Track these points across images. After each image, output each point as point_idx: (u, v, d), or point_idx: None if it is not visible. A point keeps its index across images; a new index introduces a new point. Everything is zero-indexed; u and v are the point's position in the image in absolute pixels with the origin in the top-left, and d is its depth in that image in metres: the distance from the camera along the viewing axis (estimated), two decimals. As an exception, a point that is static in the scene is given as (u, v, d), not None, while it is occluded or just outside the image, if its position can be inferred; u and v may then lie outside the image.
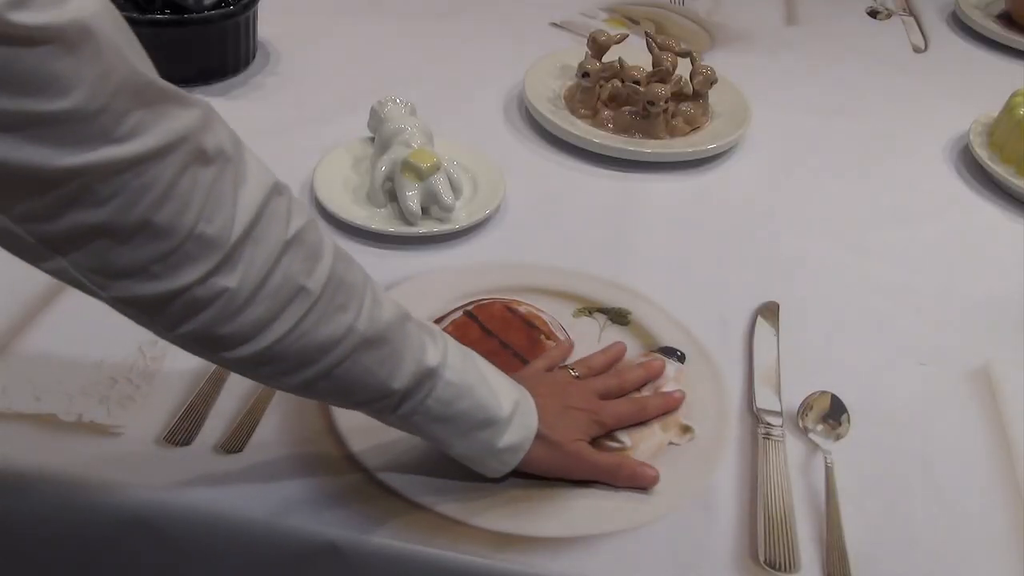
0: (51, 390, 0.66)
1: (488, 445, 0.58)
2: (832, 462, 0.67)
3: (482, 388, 0.57)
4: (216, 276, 0.46)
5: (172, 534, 0.60)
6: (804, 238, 0.91)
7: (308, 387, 0.53)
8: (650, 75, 1.00)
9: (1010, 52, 1.34)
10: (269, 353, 0.49)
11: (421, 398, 0.55)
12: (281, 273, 0.48)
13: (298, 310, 0.49)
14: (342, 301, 0.51)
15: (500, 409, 0.58)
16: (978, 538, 0.63)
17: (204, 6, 1.00)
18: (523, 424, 0.59)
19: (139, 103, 0.41)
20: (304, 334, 0.49)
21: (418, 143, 0.87)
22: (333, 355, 0.51)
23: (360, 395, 0.55)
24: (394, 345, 0.53)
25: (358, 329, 0.51)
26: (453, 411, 0.56)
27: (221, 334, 0.48)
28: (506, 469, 0.60)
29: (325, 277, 0.49)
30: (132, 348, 0.70)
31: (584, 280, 0.81)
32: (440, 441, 0.58)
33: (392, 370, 0.53)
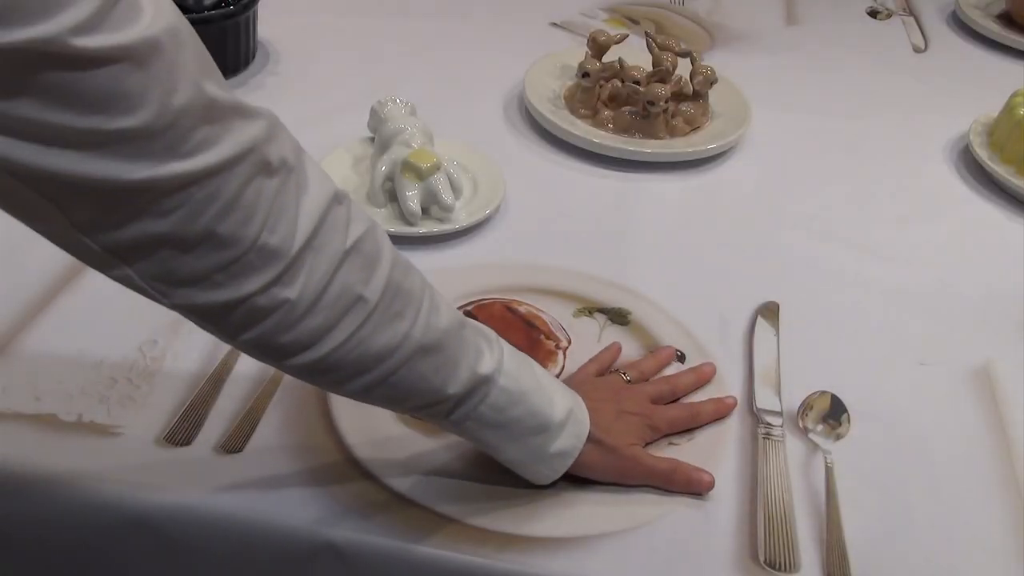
0: (51, 390, 0.66)
1: (539, 451, 0.58)
2: (832, 462, 0.67)
3: (536, 394, 0.57)
4: (277, 286, 0.46)
5: (172, 534, 0.60)
6: (804, 238, 0.91)
7: (365, 393, 0.53)
8: (650, 75, 1.00)
9: (1010, 52, 1.34)
10: (327, 362, 0.49)
11: (475, 404, 0.55)
12: (340, 283, 0.48)
13: (355, 319, 0.49)
14: (399, 309, 0.51)
15: (553, 415, 0.58)
16: (978, 538, 0.63)
17: (204, 6, 1.01)
18: (575, 431, 0.59)
19: (205, 119, 0.42)
20: (361, 342, 0.50)
21: (418, 143, 0.87)
22: (389, 363, 0.51)
23: (415, 400, 0.55)
24: (450, 352, 0.54)
25: (414, 336, 0.51)
26: (506, 417, 0.56)
27: (281, 343, 0.48)
28: (555, 475, 0.60)
29: (383, 285, 0.50)
30: (132, 348, 0.70)
31: (584, 280, 0.81)
32: (491, 447, 0.58)
33: (447, 377, 0.54)
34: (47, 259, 0.77)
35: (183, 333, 0.71)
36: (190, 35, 0.42)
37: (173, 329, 0.71)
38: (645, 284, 0.81)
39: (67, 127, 0.37)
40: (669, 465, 0.64)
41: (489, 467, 0.63)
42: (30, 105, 0.36)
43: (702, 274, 0.85)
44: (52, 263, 0.76)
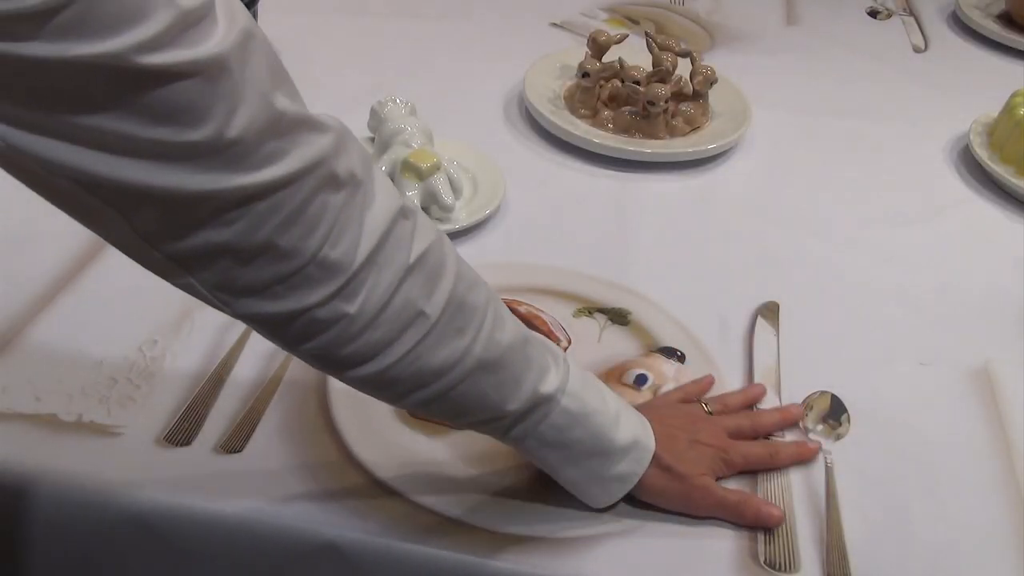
0: (51, 390, 0.66)
1: (598, 473, 0.58)
2: (832, 462, 0.67)
3: (600, 416, 0.57)
4: (337, 300, 0.46)
5: (172, 534, 0.60)
6: (804, 238, 0.91)
7: (423, 407, 0.53)
8: (650, 75, 1.00)
9: (1010, 52, 1.34)
10: (387, 375, 0.50)
11: (535, 422, 0.55)
12: (402, 298, 0.48)
13: (416, 334, 0.49)
14: (460, 324, 0.51)
15: (616, 440, 0.57)
16: (978, 538, 0.63)
17: (204, 6, 1.00)
18: (637, 456, 0.59)
19: (272, 133, 0.42)
20: (419, 357, 0.50)
21: (418, 143, 0.87)
22: (449, 378, 0.51)
23: (474, 416, 0.55)
24: (512, 369, 0.53)
25: (475, 353, 0.51)
26: (567, 438, 0.56)
27: (341, 355, 0.49)
28: (612, 499, 0.60)
29: (444, 300, 0.50)
30: (132, 348, 0.70)
31: (584, 280, 0.81)
32: (550, 466, 0.58)
33: (508, 394, 0.53)
34: (47, 259, 0.77)
35: (183, 333, 0.71)
36: (262, 45, 0.42)
37: (173, 329, 0.72)
38: (645, 284, 0.81)
39: (133, 137, 0.38)
40: (739, 498, 0.62)
41: (490, 468, 0.64)
42: (97, 116, 0.37)
43: (702, 274, 0.85)
44: (52, 263, 0.76)
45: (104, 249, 0.78)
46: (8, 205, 0.58)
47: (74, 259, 0.77)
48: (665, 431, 0.61)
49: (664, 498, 0.61)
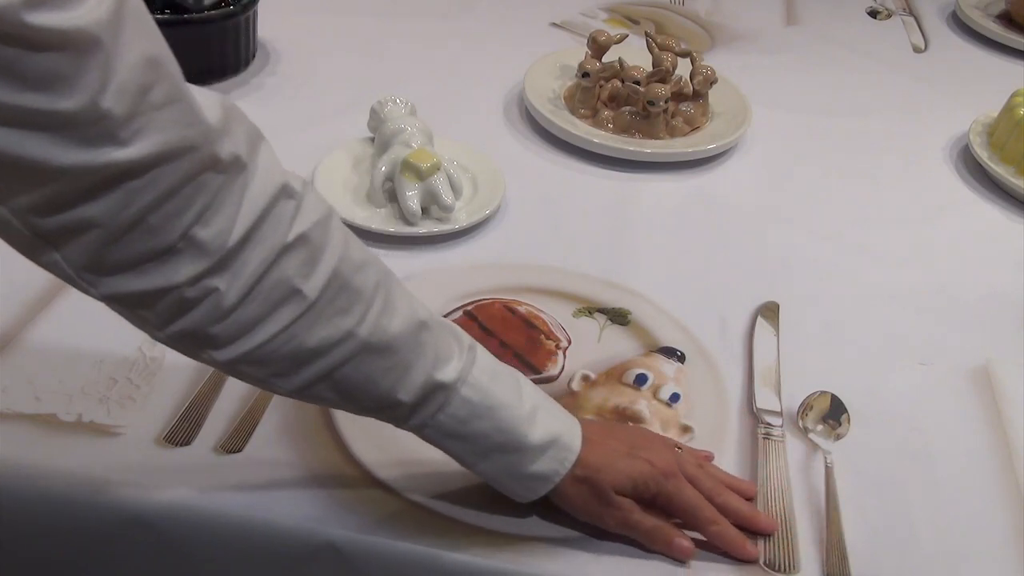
0: (51, 390, 0.66)
1: (512, 470, 0.56)
2: (832, 462, 0.67)
3: (509, 411, 0.55)
4: (208, 277, 0.46)
5: (172, 534, 0.60)
6: (804, 238, 0.91)
7: (305, 391, 0.52)
8: (650, 75, 1.00)
9: (1010, 52, 1.34)
10: (258, 354, 0.49)
11: (431, 412, 0.54)
12: (275, 276, 0.47)
13: (291, 313, 0.48)
14: (343, 306, 0.50)
15: (528, 436, 0.55)
16: (978, 538, 0.63)
17: (204, 6, 1.00)
18: (558, 456, 0.56)
19: (149, 108, 0.41)
20: (295, 336, 0.49)
21: (418, 143, 0.87)
22: (329, 359, 0.50)
23: (363, 402, 0.54)
24: (402, 356, 0.52)
25: (359, 335, 0.50)
26: (470, 430, 0.54)
27: (210, 333, 0.48)
28: (533, 496, 0.58)
29: (325, 281, 0.49)
30: (132, 348, 0.70)
31: (584, 280, 0.81)
32: (457, 458, 0.57)
33: (397, 380, 0.52)
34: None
35: (183, 333, 0.71)
36: (138, 15, 0.41)
37: (173, 329, 0.71)
38: (645, 284, 0.81)
39: (4, 104, 0.37)
40: (653, 524, 0.58)
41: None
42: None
43: (702, 274, 0.85)
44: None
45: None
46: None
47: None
48: (597, 439, 0.58)
49: (574, 506, 0.58)
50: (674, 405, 0.70)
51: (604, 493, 0.57)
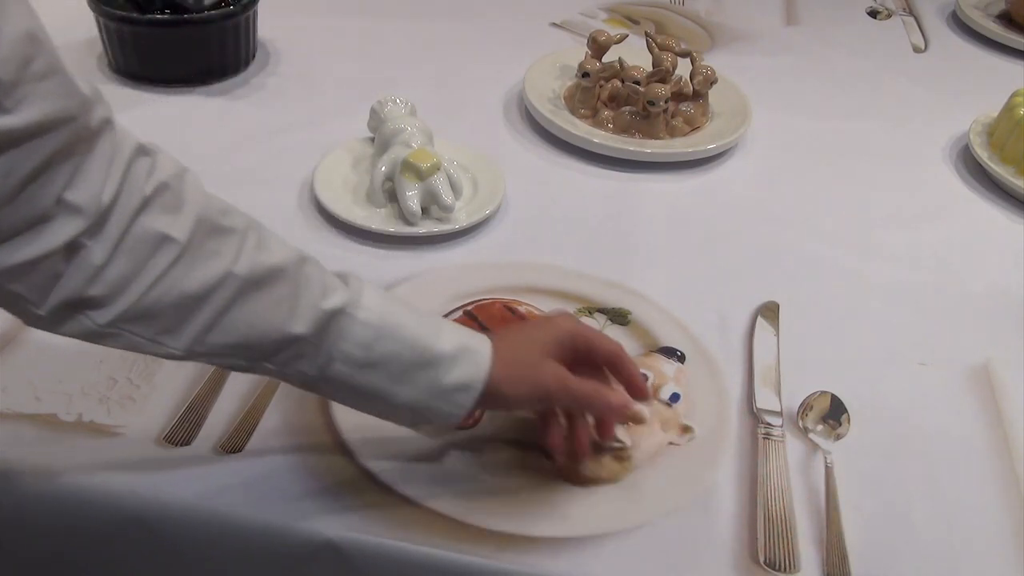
0: (51, 390, 0.66)
1: (433, 386, 0.54)
2: (832, 462, 0.67)
3: (412, 328, 0.54)
4: (79, 238, 0.46)
5: (172, 534, 0.60)
6: (804, 238, 0.91)
7: (198, 346, 0.51)
8: (650, 75, 1.00)
9: (1010, 52, 1.34)
10: (139, 308, 0.48)
11: (333, 341, 0.52)
12: (142, 226, 0.48)
13: (165, 259, 0.48)
14: (215, 247, 0.50)
15: (439, 346, 0.54)
16: (978, 538, 0.63)
17: (204, 6, 1.01)
18: (473, 360, 0.55)
19: (32, 78, 0.42)
20: (174, 284, 0.49)
21: (418, 143, 0.87)
22: (212, 303, 0.50)
23: (261, 347, 0.52)
24: (284, 288, 0.52)
25: (237, 273, 0.50)
26: (378, 354, 0.53)
27: (90, 296, 0.47)
28: (462, 411, 0.56)
29: (192, 224, 0.49)
30: (132, 348, 0.70)
31: (584, 280, 0.81)
32: (378, 391, 0.54)
33: (288, 314, 0.51)
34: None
35: (183, 333, 0.71)
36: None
37: (173, 329, 0.71)
38: (645, 284, 0.81)
39: None
40: (592, 388, 0.58)
41: (490, 467, 0.64)
42: None
43: (702, 274, 0.85)
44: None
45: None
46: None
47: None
48: (505, 333, 0.59)
49: (515, 389, 0.56)
50: (674, 405, 0.70)
51: (537, 365, 0.57)
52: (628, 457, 0.65)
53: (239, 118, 1.00)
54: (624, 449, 0.66)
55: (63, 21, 1.11)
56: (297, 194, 0.89)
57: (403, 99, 0.93)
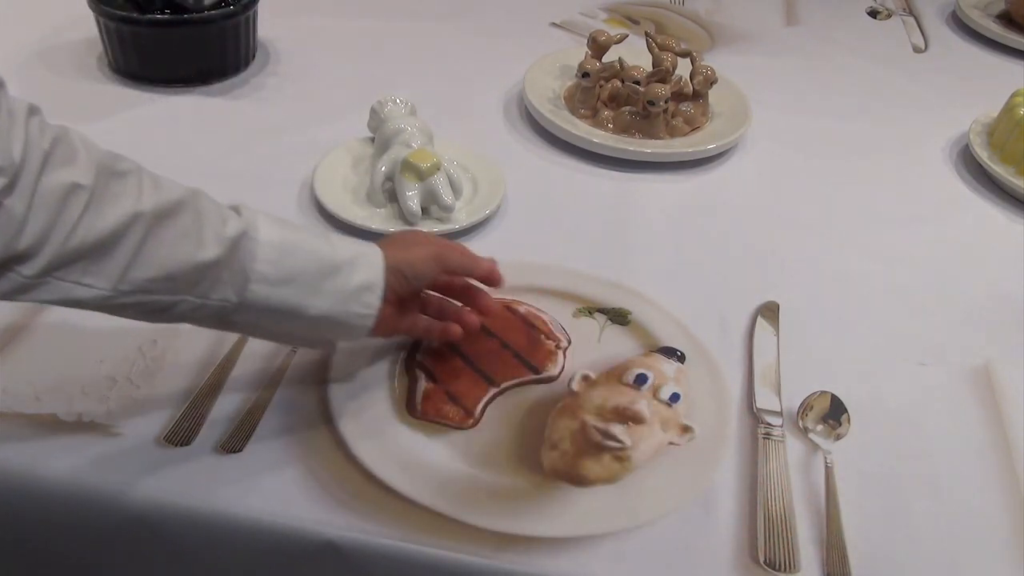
0: (51, 390, 0.66)
1: (341, 292, 0.59)
2: (832, 462, 0.67)
3: (310, 241, 0.59)
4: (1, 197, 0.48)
5: (172, 534, 0.60)
6: (804, 238, 0.91)
7: (122, 282, 0.53)
8: (650, 75, 1.00)
9: (1010, 52, 1.34)
10: (64, 254, 0.51)
11: (245, 263, 0.56)
12: (50, 178, 0.50)
13: (78, 204, 0.51)
14: (117, 189, 0.53)
15: (337, 253, 0.60)
16: (978, 538, 0.63)
17: (204, 6, 1.01)
18: (371, 261, 0.61)
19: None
20: (91, 227, 0.51)
21: (418, 143, 0.87)
22: (128, 240, 0.52)
23: (181, 277, 0.55)
24: (188, 219, 0.55)
25: (144, 209, 0.53)
26: (287, 269, 0.57)
27: (17, 251, 0.49)
28: (372, 312, 0.61)
29: (94, 169, 0.52)
30: (132, 348, 0.70)
31: (584, 280, 0.81)
32: (295, 307, 0.58)
33: (196, 243, 0.55)
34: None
35: (183, 333, 0.71)
36: None
37: (173, 329, 0.71)
38: (645, 284, 0.81)
39: None
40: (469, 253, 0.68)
41: (490, 467, 0.64)
42: None
43: (702, 274, 0.85)
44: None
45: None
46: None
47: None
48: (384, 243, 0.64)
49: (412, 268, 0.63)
50: (674, 405, 0.70)
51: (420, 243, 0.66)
52: (628, 457, 0.65)
53: (239, 118, 1.00)
54: (624, 449, 0.66)
55: (63, 21, 1.12)
56: (297, 194, 0.89)
57: (403, 99, 0.93)
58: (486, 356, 0.72)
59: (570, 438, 0.66)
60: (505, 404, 0.69)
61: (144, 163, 0.60)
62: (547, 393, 0.70)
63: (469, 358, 0.72)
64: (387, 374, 0.70)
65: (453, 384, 0.69)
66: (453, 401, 0.68)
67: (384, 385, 0.69)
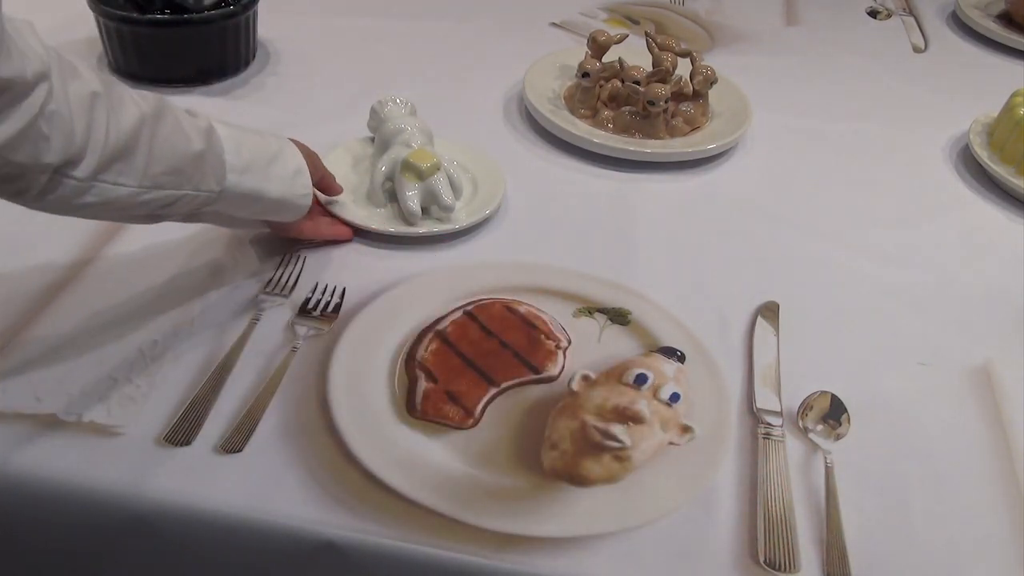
0: (51, 390, 0.66)
1: (285, 176, 0.71)
2: (832, 462, 0.67)
3: (248, 134, 0.69)
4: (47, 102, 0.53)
5: (172, 534, 0.60)
6: (804, 238, 0.91)
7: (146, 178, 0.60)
8: (650, 75, 1.00)
9: (1010, 52, 1.34)
10: (107, 153, 0.57)
11: (219, 153, 0.65)
12: (72, 88, 0.55)
13: (102, 110, 0.57)
14: (119, 95, 0.59)
15: (268, 143, 0.71)
16: (978, 538, 0.63)
17: (204, 6, 1.01)
18: (293, 151, 0.73)
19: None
20: (118, 127, 0.57)
21: (418, 143, 0.87)
22: (143, 137, 0.59)
23: (184, 169, 0.62)
24: (170, 116, 0.62)
25: (145, 110, 0.60)
26: (246, 159, 0.67)
27: (72, 153, 0.55)
28: (308, 191, 0.74)
29: (96, 78, 0.57)
30: (132, 348, 0.70)
31: (584, 280, 0.81)
32: (258, 192, 0.69)
33: (185, 137, 0.62)
34: (47, 259, 0.77)
35: (183, 333, 0.71)
36: None
37: (173, 329, 0.72)
38: (645, 284, 0.81)
39: None
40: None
41: (489, 467, 0.64)
42: None
43: (702, 274, 0.85)
44: (52, 263, 0.76)
45: (104, 249, 0.78)
46: (8, 206, 0.58)
47: (74, 260, 0.77)
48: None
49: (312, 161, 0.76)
50: (674, 405, 0.70)
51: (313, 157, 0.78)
52: (628, 457, 0.65)
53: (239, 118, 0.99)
54: (624, 449, 0.66)
55: (63, 21, 1.12)
56: (297, 194, 0.88)
57: (403, 99, 0.93)
58: (486, 356, 0.72)
59: (570, 438, 0.66)
60: (505, 404, 0.69)
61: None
62: (547, 393, 0.70)
63: (469, 358, 0.72)
64: (387, 374, 0.70)
65: (453, 384, 0.69)
66: (453, 401, 0.68)
67: (384, 385, 0.69)
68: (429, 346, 0.72)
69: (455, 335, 0.73)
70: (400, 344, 0.73)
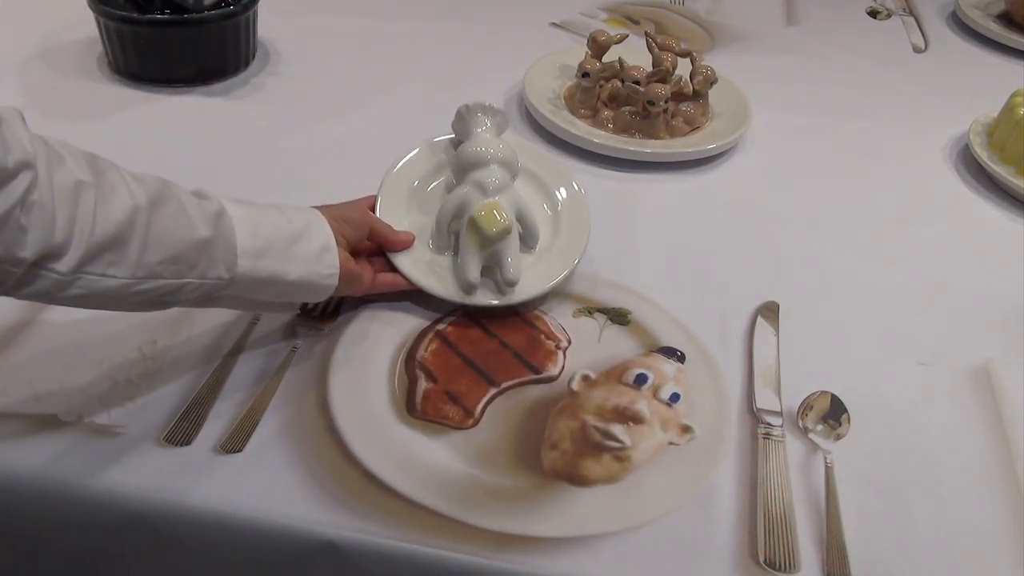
0: (51, 390, 0.66)
1: (308, 256, 0.65)
2: (832, 462, 0.67)
3: (268, 214, 0.64)
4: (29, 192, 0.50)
5: (172, 534, 0.60)
6: (804, 238, 0.91)
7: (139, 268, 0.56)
8: (650, 75, 1.00)
9: (1010, 52, 1.34)
10: (92, 246, 0.53)
11: (229, 238, 0.60)
12: (57, 177, 0.52)
13: (88, 200, 0.53)
14: (111, 180, 0.55)
15: (294, 220, 0.65)
16: (978, 538, 0.63)
17: (204, 6, 1.01)
18: (321, 229, 0.67)
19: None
20: (106, 218, 0.54)
21: (494, 184, 0.75)
22: (137, 226, 0.55)
23: (185, 257, 0.58)
24: (173, 203, 0.58)
25: (138, 198, 0.56)
26: (261, 241, 0.62)
27: (52, 245, 0.51)
28: (335, 271, 0.67)
29: (85, 166, 0.54)
30: (132, 348, 0.70)
31: (584, 280, 0.81)
32: (275, 275, 0.63)
33: (189, 222, 0.58)
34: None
35: (183, 333, 0.71)
36: None
37: (173, 329, 0.72)
38: (645, 284, 0.81)
39: None
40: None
41: (489, 468, 0.64)
42: None
43: (702, 274, 0.85)
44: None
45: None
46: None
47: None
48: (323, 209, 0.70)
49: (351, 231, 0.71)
50: (674, 405, 0.70)
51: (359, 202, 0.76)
52: (628, 457, 0.65)
53: (239, 118, 1.00)
54: (624, 449, 0.66)
55: (63, 21, 1.12)
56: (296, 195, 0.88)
57: (494, 109, 0.80)
58: (486, 356, 0.72)
59: (570, 438, 0.66)
60: (505, 404, 0.69)
61: (145, 163, 0.60)
62: (547, 393, 0.70)
63: (469, 358, 0.72)
64: (387, 374, 0.70)
65: (453, 384, 0.69)
66: (453, 401, 0.68)
67: (384, 385, 0.69)
68: (429, 346, 0.72)
69: (455, 335, 0.73)
70: (400, 344, 0.73)
